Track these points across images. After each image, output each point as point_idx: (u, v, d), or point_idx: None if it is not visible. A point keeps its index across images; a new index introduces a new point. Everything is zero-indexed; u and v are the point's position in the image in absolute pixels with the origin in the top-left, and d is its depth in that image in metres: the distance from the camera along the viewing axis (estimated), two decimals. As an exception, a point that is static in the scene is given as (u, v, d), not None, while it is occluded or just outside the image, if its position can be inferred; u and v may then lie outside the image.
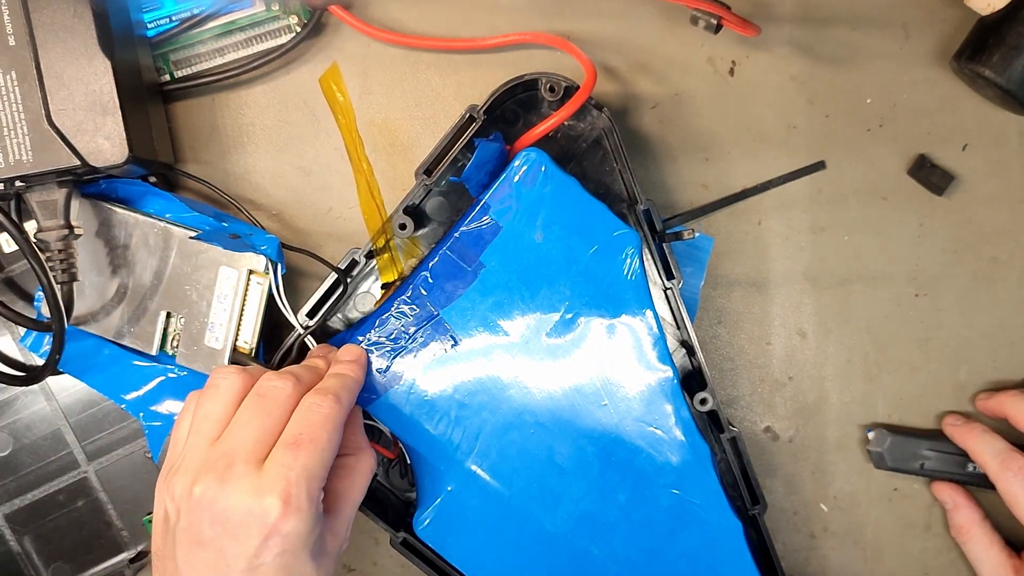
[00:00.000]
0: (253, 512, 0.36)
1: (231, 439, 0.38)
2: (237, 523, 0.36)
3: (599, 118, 0.45)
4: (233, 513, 0.36)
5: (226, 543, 0.36)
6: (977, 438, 0.47)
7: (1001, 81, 0.44)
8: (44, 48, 0.40)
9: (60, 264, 0.42)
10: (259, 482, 0.36)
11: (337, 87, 0.41)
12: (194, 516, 0.37)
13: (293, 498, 0.36)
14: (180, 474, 0.37)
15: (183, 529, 0.37)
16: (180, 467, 0.38)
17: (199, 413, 0.39)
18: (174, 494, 0.37)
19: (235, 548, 0.36)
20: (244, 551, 0.36)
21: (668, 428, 0.44)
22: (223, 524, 0.36)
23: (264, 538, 0.36)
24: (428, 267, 0.44)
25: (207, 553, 0.36)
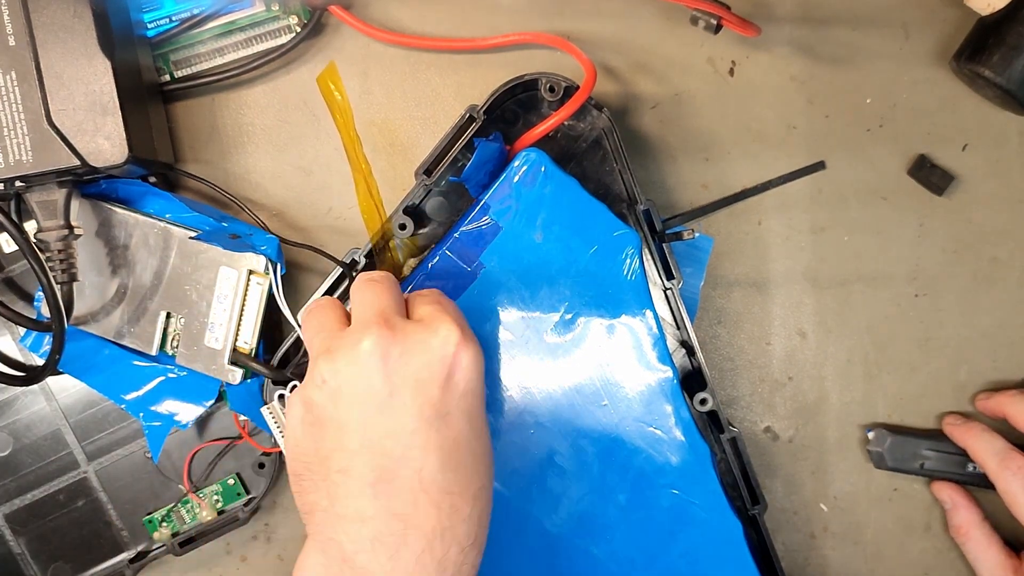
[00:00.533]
0: (432, 345, 0.33)
1: (365, 309, 0.35)
2: (418, 363, 0.33)
3: (599, 118, 0.45)
4: (411, 353, 0.33)
5: (407, 394, 0.33)
6: (977, 437, 0.47)
7: (1001, 81, 0.44)
8: (44, 48, 0.40)
9: (60, 264, 0.42)
10: (423, 324, 0.34)
11: (335, 86, 0.41)
12: (364, 378, 0.33)
13: (465, 328, 0.34)
14: (323, 355, 0.34)
15: (351, 403, 0.34)
16: (317, 354, 0.35)
17: (312, 323, 0.37)
18: (325, 375, 0.34)
19: (418, 396, 0.33)
20: (428, 396, 0.33)
21: (668, 428, 0.44)
22: (401, 372, 0.33)
23: (447, 376, 0.34)
24: (428, 267, 0.44)
25: (387, 415, 0.33)
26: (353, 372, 0.34)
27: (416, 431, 0.34)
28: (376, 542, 0.33)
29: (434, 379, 0.34)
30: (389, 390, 0.33)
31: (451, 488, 0.34)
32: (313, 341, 0.37)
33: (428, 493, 0.34)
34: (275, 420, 0.44)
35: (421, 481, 0.33)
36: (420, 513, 0.33)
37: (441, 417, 0.34)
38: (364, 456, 0.34)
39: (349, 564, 0.33)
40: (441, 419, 0.34)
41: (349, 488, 0.34)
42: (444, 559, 0.34)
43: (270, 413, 0.44)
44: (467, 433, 0.35)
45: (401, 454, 0.33)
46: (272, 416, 0.44)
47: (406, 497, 0.33)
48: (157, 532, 0.48)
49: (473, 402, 0.35)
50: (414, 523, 0.33)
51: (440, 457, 0.34)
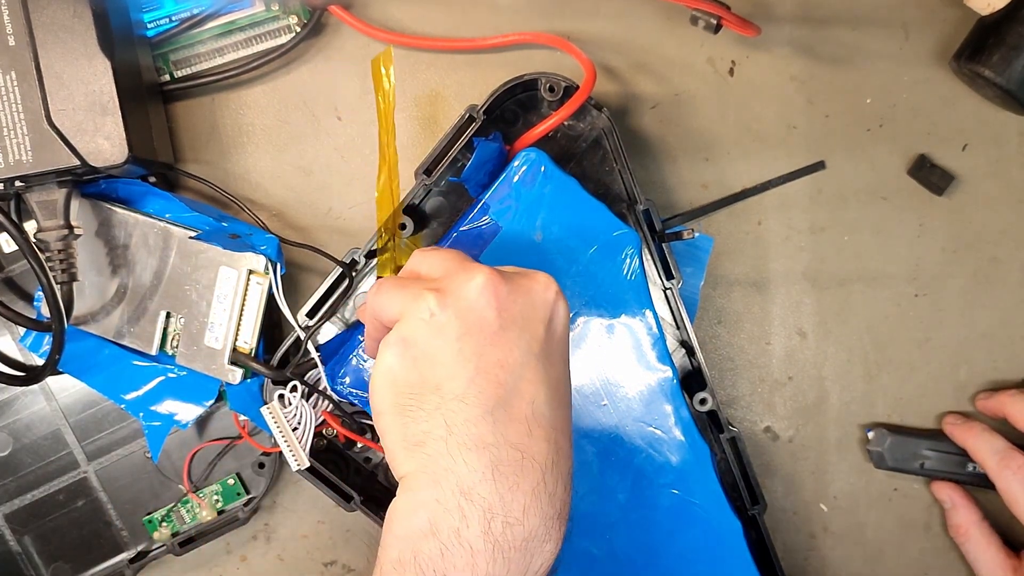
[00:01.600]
0: (534, 290, 0.35)
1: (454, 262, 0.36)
2: (524, 303, 0.35)
3: (599, 118, 0.45)
4: (517, 293, 0.35)
5: (516, 331, 0.34)
6: (977, 437, 0.47)
7: (1001, 81, 0.44)
8: (44, 48, 0.40)
9: (60, 264, 0.42)
10: (522, 271, 0.36)
11: (386, 72, 0.41)
12: (478, 310, 0.34)
13: (553, 281, 0.36)
14: (429, 292, 0.34)
15: (465, 332, 0.34)
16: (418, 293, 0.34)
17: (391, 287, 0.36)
18: (431, 310, 0.34)
19: (527, 333, 0.35)
20: (534, 334, 0.35)
21: (668, 428, 0.44)
22: (510, 310, 0.34)
23: (548, 319, 0.35)
24: (428, 267, 0.44)
25: (500, 347, 0.34)
26: (465, 305, 0.34)
27: (526, 364, 0.34)
28: (496, 471, 0.33)
29: (540, 320, 0.35)
30: (500, 324, 0.34)
31: (556, 424, 0.35)
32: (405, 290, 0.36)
33: (540, 425, 0.34)
34: (275, 420, 0.44)
35: (534, 412, 0.34)
36: (535, 444, 0.34)
37: (546, 355, 0.35)
38: (480, 383, 0.34)
39: (467, 496, 0.33)
40: (546, 357, 0.35)
41: (468, 414, 0.33)
42: (554, 494, 0.34)
43: (270, 413, 0.44)
44: (564, 375, 0.36)
45: (514, 384, 0.34)
46: (272, 416, 0.44)
47: (521, 427, 0.34)
48: (157, 532, 0.48)
49: (567, 349, 0.37)
50: (530, 453, 0.34)
51: (547, 392, 0.35)
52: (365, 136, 0.49)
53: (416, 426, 0.34)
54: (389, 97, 0.42)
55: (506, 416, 0.34)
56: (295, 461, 0.45)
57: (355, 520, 0.50)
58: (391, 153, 0.43)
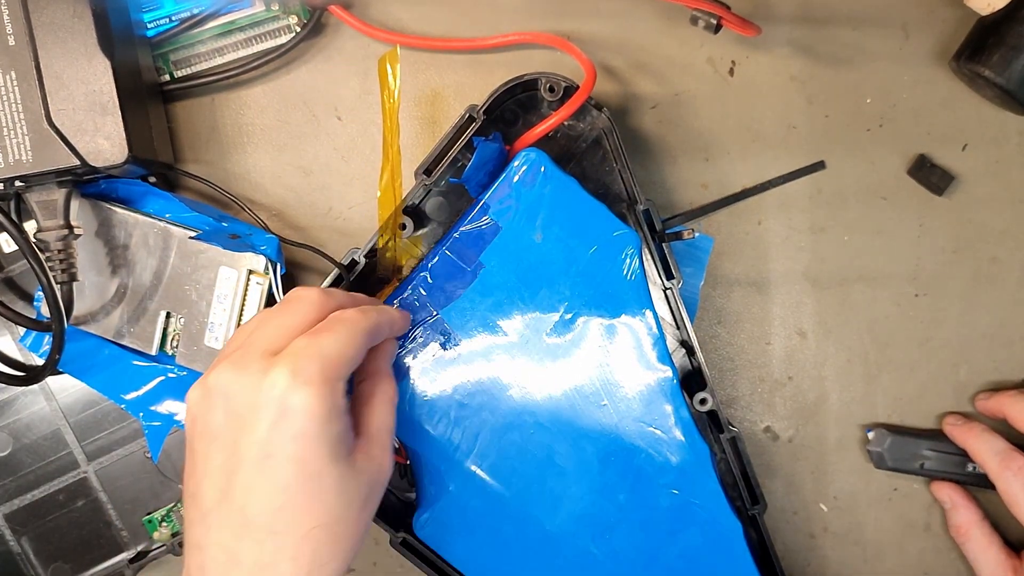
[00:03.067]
0: (261, 387, 0.34)
1: (253, 339, 0.37)
2: (247, 404, 0.35)
3: (599, 118, 0.45)
4: (241, 394, 0.35)
5: (237, 432, 0.35)
6: (977, 438, 0.47)
7: (1001, 81, 0.44)
8: (44, 48, 0.40)
9: (60, 264, 0.42)
10: (269, 364, 0.35)
11: (392, 71, 0.41)
12: (208, 408, 0.36)
13: (302, 371, 0.34)
14: (203, 375, 0.37)
15: (200, 433, 0.36)
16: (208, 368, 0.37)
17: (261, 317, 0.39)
18: (188, 401, 0.37)
19: (247, 436, 0.35)
20: (256, 437, 0.34)
21: (668, 428, 0.44)
22: (234, 410, 0.35)
23: (275, 420, 0.34)
24: (428, 267, 0.44)
25: (219, 448, 0.35)
26: (203, 406, 0.36)
27: (241, 470, 0.35)
28: (204, 570, 0.35)
29: (262, 420, 0.35)
30: (225, 426, 0.35)
31: (275, 528, 0.35)
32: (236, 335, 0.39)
33: (250, 529, 0.35)
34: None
35: (244, 517, 0.35)
36: (243, 548, 0.35)
37: (265, 456, 0.35)
38: (203, 486, 0.36)
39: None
40: (264, 458, 0.35)
41: (191, 515, 0.36)
42: None
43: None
44: (295, 478, 0.35)
45: (231, 491, 0.35)
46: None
47: (232, 531, 0.35)
48: (157, 532, 0.48)
49: (307, 448, 0.35)
50: (238, 558, 0.35)
51: (263, 500, 0.35)
52: (365, 136, 0.49)
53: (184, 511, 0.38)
54: (394, 96, 0.42)
55: (218, 520, 0.35)
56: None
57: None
58: (394, 152, 0.43)
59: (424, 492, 0.45)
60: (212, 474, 0.35)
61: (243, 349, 0.36)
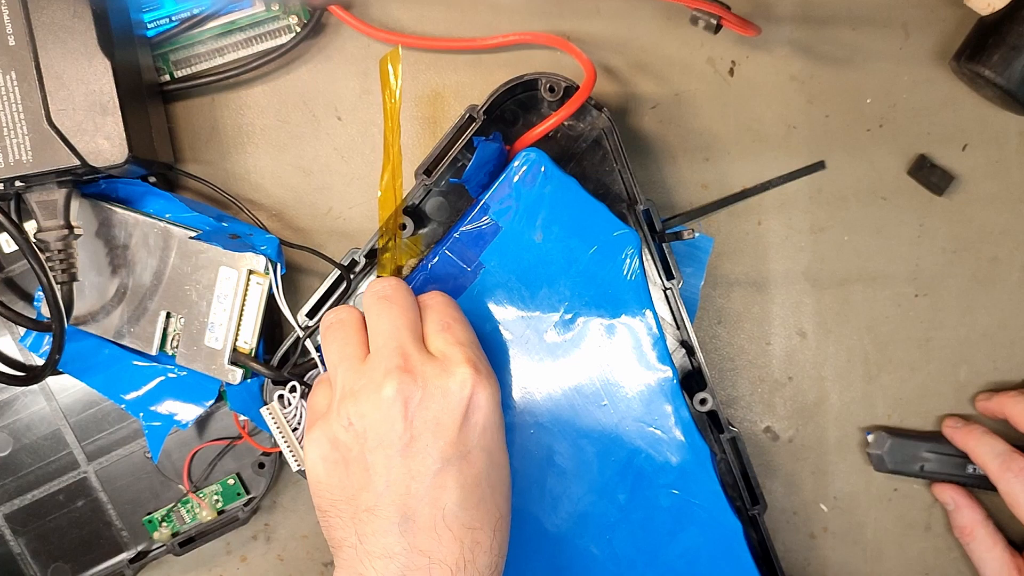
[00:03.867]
0: (449, 389, 0.35)
1: (387, 341, 0.37)
2: (437, 407, 0.35)
3: (599, 118, 0.45)
4: (430, 398, 0.35)
5: (428, 438, 0.35)
6: (977, 439, 0.47)
7: (1001, 81, 0.44)
8: (44, 48, 0.40)
9: (60, 264, 0.42)
10: (441, 363, 0.36)
11: (394, 71, 0.41)
12: (388, 423, 0.35)
13: (480, 365, 0.36)
14: (349, 397, 0.36)
15: (376, 446, 0.35)
16: (342, 394, 0.36)
17: (332, 348, 0.38)
18: (350, 418, 0.36)
19: (439, 438, 0.35)
20: (449, 437, 0.35)
21: (668, 428, 0.44)
22: (422, 416, 0.35)
23: (464, 415, 0.35)
24: (428, 267, 0.44)
25: (410, 459, 0.35)
26: (377, 417, 0.35)
27: (438, 472, 0.35)
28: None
29: (454, 421, 0.35)
30: (411, 435, 0.35)
31: (472, 523, 0.36)
32: (337, 369, 0.38)
33: (451, 529, 0.35)
34: (274, 421, 0.44)
35: (444, 518, 0.35)
36: (444, 548, 0.35)
37: (461, 456, 0.36)
38: (390, 496, 0.35)
39: None
40: (461, 458, 0.36)
41: (376, 527, 0.35)
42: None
43: (270, 414, 0.44)
44: (486, 468, 0.36)
45: (424, 494, 0.35)
46: (271, 417, 0.44)
47: (430, 534, 0.35)
48: (157, 532, 0.48)
49: (492, 436, 0.36)
50: (438, 558, 0.35)
51: (461, 495, 0.35)
52: (365, 136, 0.49)
53: (333, 532, 0.36)
54: (396, 96, 0.42)
55: (414, 527, 0.35)
56: (295, 461, 0.45)
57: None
58: (395, 152, 0.43)
59: (424, 492, 0.45)
60: (396, 484, 0.35)
61: (394, 353, 0.36)
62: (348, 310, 0.40)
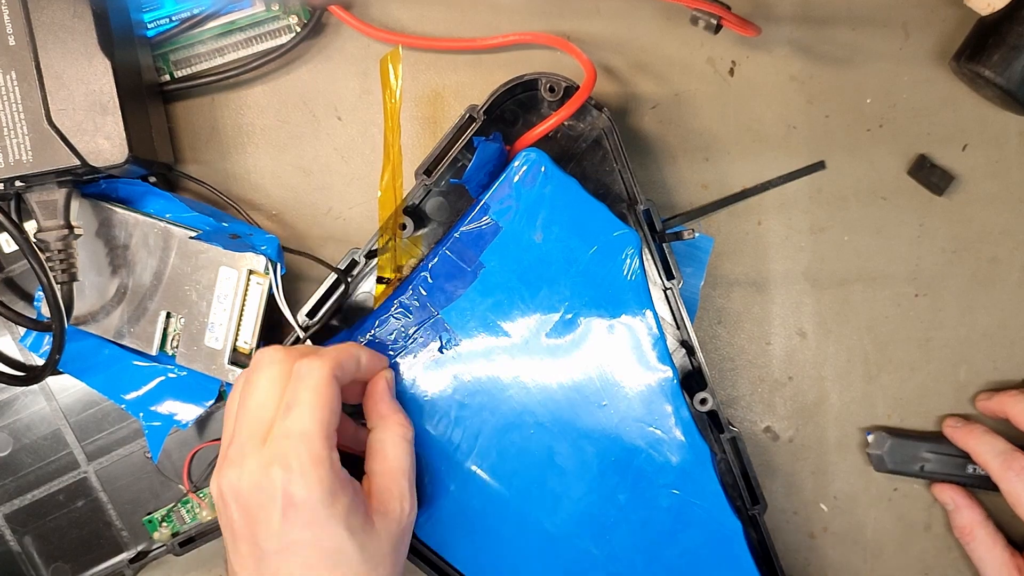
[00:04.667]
0: (263, 487, 0.36)
1: (239, 426, 0.38)
2: (256, 504, 0.36)
3: (599, 118, 0.45)
4: (250, 496, 0.36)
5: (255, 528, 0.37)
6: (978, 439, 0.47)
7: (1001, 81, 0.44)
8: (44, 48, 0.40)
9: (60, 264, 0.42)
10: (262, 457, 0.36)
11: (394, 71, 0.41)
12: (227, 510, 0.37)
13: (293, 461, 0.36)
14: (214, 474, 0.38)
15: (224, 526, 0.38)
16: (220, 465, 0.39)
17: (228, 406, 0.40)
18: (214, 494, 0.39)
19: (263, 531, 0.36)
20: (271, 531, 0.36)
21: (668, 428, 0.44)
22: (247, 509, 0.37)
23: (283, 512, 0.36)
24: (428, 267, 0.44)
25: (244, 543, 0.37)
26: (219, 505, 0.38)
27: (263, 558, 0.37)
28: None
29: (272, 514, 0.36)
30: (243, 522, 0.37)
31: None
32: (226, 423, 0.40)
33: None
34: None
35: None
36: None
37: (284, 546, 0.36)
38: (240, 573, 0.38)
39: None
40: (284, 547, 0.36)
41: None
42: None
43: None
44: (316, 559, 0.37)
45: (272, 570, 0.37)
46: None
47: None
48: (157, 532, 0.48)
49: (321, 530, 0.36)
50: None
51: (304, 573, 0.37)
52: (365, 136, 0.49)
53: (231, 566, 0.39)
54: (396, 96, 0.42)
55: None
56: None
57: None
58: (395, 152, 0.43)
59: (424, 492, 0.45)
60: (244, 563, 0.38)
61: (236, 442, 0.38)
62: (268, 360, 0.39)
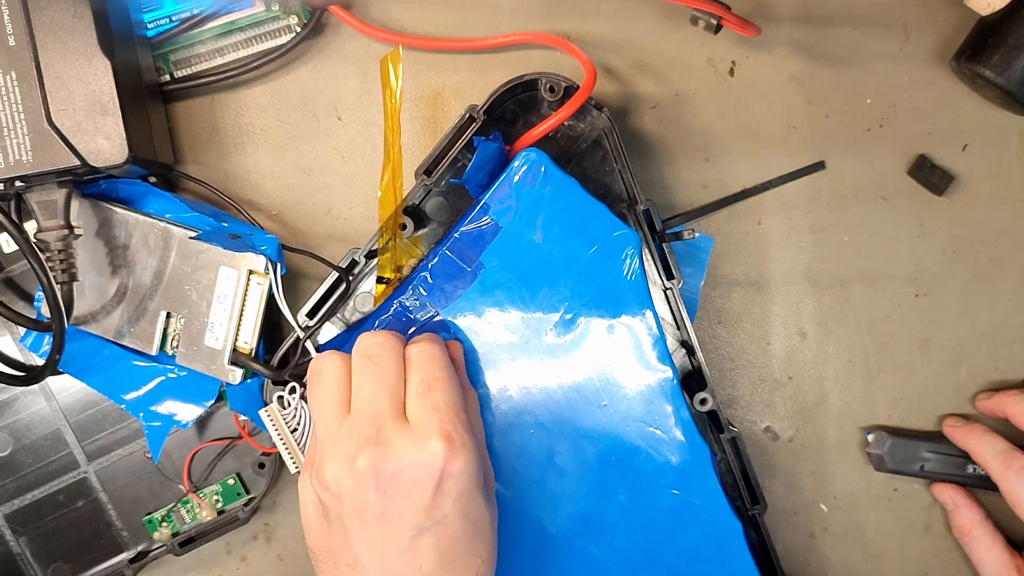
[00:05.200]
0: (421, 462, 0.36)
1: (364, 406, 0.38)
2: (409, 480, 0.36)
3: (599, 118, 0.45)
4: (402, 471, 0.36)
5: (401, 507, 0.36)
6: (978, 438, 0.47)
7: (1001, 81, 0.44)
8: (44, 48, 0.40)
9: (60, 264, 0.42)
10: (414, 433, 0.36)
11: (395, 71, 0.41)
12: (361, 492, 0.36)
13: (454, 435, 0.36)
14: (327, 460, 0.37)
15: (352, 512, 0.37)
16: (323, 455, 0.37)
17: (315, 402, 0.39)
18: (327, 482, 0.37)
19: (412, 508, 0.36)
20: (421, 506, 0.36)
21: (668, 428, 0.44)
22: (394, 488, 0.36)
23: (437, 486, 0.36)
24: (428, 267, 0.44)
25: (385, 525, 0.36)
26: (350, 486, 0.36)
27: (413, 537, 0.36)
28: None
29: (424, 492, 0.36)
30: (384, 504, 0.36)
31: (452, 574, 0.37)
32: (318, 423, 0.39)
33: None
34: (273, 423, 0.44)
35: (421, 574, 0.36)
36: None
37: (436, 522, 0.36)
38: (367, 557, 0.37)
39: None
40: (436, 524, 0.36)
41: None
42: None
43: (268, 416, 0.44)
44: (462, 529, 0.37)
45: (400, 556, 0.36)
46: (270, 419, 0.44)
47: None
48: (157, 532, 0.48)
49: (469, 500, 0.37)
50: None
51: (436, 556, 0.37)
52: (365, 136, 0.49)
53: (320, 573, 0.39)
54: (396, 96, 0.42)
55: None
56: (294, 463, 0.45)
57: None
58: (396, 152, 0.43)
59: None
60: (372, 547, 0.37)
61: (370, 421, 0.37)
62: (331, 359, 0.40)
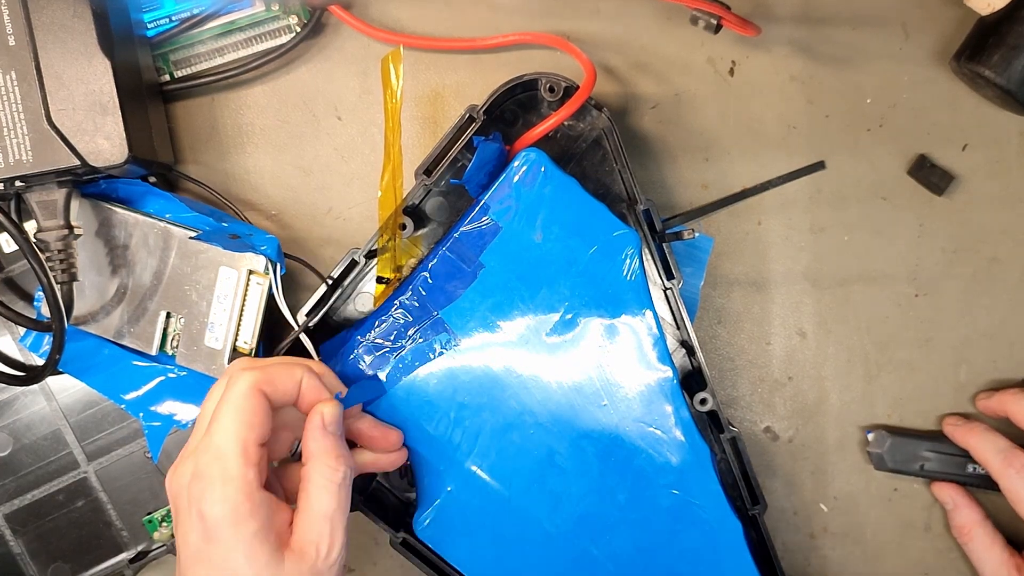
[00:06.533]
0: (183, 496, 0.36)
1: (193, 432, 0.39)
2: (180, 509, 0.37)
3: (599, 118, 0.45)
4: (176, 499, 0.37)
5: (179, 529, 0.37)
6: (979, 437, 0.47)
7: (1001, 81, 0.44)
8: (44, 48, 0.40)
9: (60, 264, 0.42)
10: (188, 467, 0.37)
11: (395, 71, 0.41)
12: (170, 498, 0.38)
13: (206, 476, 0.36)
14: None
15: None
16: None
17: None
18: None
19: (183, 534, 0.37)
20: (189, 538, 0.36)
21: (668, 428, 0.44)
22: (176, 510, 0.37)
23: (196, 523, 0.36)
24: (428, 267, 0.44)
25: (178, 536, 0.37)
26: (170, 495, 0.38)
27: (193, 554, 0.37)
28: None
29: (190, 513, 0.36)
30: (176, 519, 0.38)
31: None
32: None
33: None
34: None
35: None
36: None
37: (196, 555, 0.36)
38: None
39: None
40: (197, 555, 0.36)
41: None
42: None
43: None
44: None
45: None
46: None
47: None
48: (157, 532, 0.48)
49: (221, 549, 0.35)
50: None
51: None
52: (365, 136, 0.49)
53: None
54: (397, 96, 0.42)
55: None
56: (295, 461, 0.45)
57: (355, 520, 0.50)
58: (396, 152, 0.43)
59: (424, 492, 0.45)
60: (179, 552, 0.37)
61: (186, 446, 0.38)
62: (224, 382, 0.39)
